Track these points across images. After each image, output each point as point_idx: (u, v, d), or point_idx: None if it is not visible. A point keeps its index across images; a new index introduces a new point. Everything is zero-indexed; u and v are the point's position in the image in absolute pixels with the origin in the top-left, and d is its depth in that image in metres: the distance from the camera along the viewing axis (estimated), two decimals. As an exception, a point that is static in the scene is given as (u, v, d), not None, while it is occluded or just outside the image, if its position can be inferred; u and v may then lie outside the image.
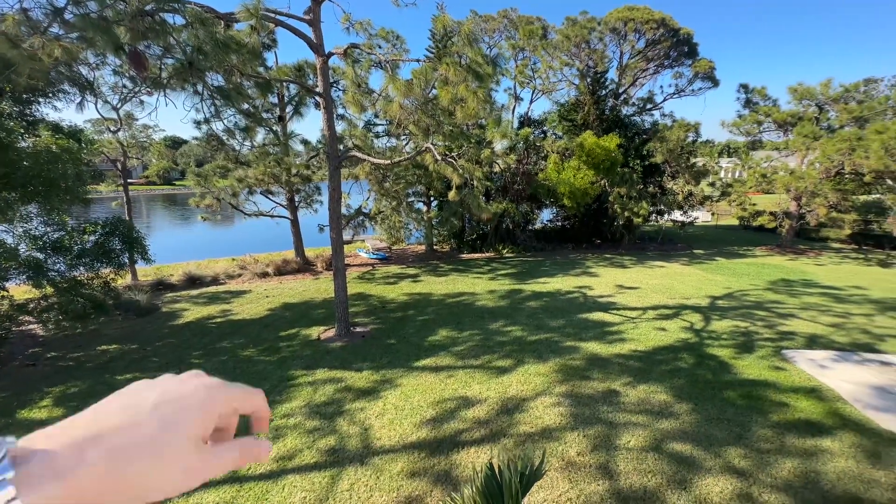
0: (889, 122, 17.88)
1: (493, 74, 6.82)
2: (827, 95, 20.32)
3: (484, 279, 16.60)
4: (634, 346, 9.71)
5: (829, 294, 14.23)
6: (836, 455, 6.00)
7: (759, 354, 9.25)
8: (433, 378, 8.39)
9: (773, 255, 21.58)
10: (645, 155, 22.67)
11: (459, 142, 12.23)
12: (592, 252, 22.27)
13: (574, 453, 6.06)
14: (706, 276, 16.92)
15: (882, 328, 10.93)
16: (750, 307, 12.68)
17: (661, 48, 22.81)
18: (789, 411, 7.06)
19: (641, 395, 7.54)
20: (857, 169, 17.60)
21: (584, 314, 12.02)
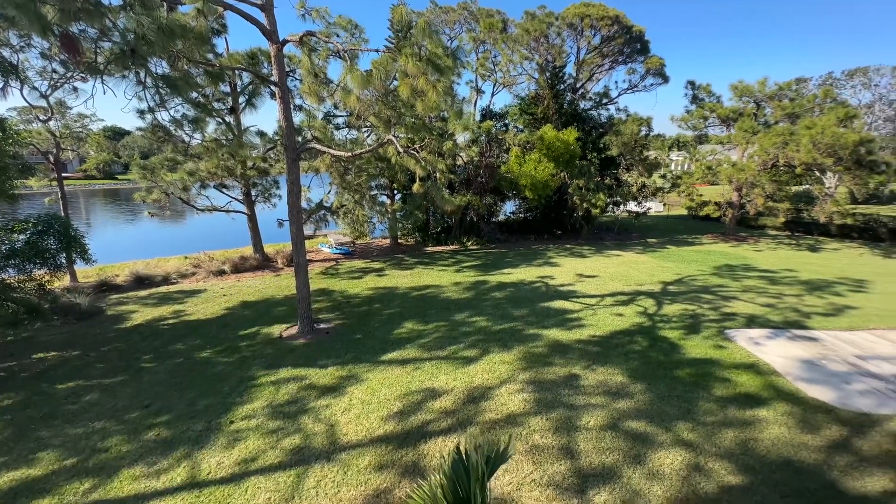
0: (816, 118, 19.50)
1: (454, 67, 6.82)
2: (763, 93, 21.89)
3: (449, 271, 16.71)
4: (593, 331, 10.14)
5: (765, 277, 15.43)
6: (771, 423, 6.58)
7: (705, 335, 9.91)
8: (400, 371, 8.40)
9: (718, 243, 23.06)
10: (601, 148, 23.50)
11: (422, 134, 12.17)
12: (554, 243, 22.92)
13: (538, 436, 6.28)
14: (659, 263, 17.87)
15: (810, 307, 12.00)
16: (697, 291, 13.54)
17: (615, 45, 23.63)
18: (731, 386, 7.64)
19: (600, 378, 7.90)
20: (789, 161, 19.11)
21: (546, 303, 12.40)
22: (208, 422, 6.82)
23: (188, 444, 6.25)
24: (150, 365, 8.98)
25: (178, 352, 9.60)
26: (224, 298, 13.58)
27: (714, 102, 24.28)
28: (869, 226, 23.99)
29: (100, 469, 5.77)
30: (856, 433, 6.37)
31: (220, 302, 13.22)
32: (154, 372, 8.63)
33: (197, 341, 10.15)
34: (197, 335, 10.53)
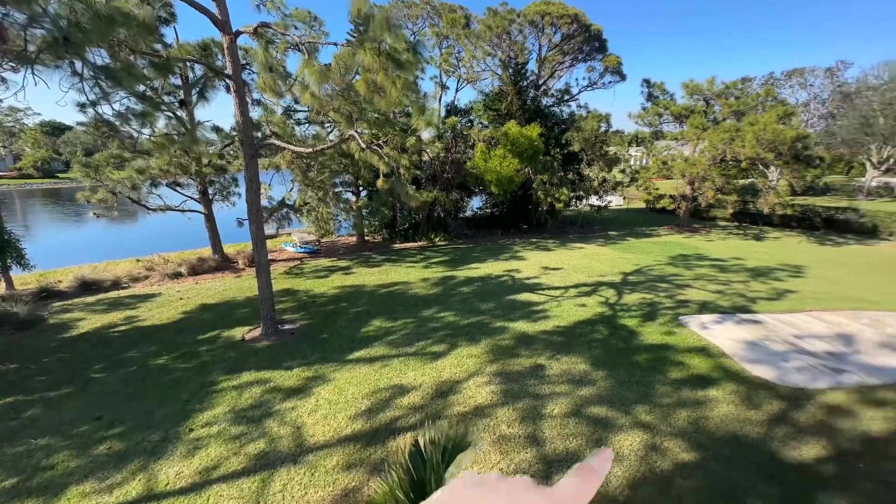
0: (759, 115, 20.82)
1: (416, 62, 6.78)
2: (712, 91, 23.15)
3: (417, 268, 16.69)
4: (558, 322, 10.44)
5: (716, 265, 16.39)
6: (720, 402, 7.02)
7: (661, 322, 10.43)
8: (368, 369, 8.34)
9: (673, 234, 24.25)
10: (564, 144, 24.10)
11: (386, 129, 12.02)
12: (520, 237, 23.35)
13: (505, 427, 6.42)
14: (619, 254, 18.58)
15: (755, 292, 12.86)
16: (654, 280, 14.20)
17: (574, 42, 24.24)
18: (684, 369, 8.09)
19: (564, 367, 8.16)
20: (736, 156, 20.34)
21: (513, 296, 12.64)
22: (166, 431, 6.52)
23: (144, 456, 5.96)
24: (99, 375, 8.46)
25: (132, 360, 9.09)
26: (181, 302, 12.97)
27: (668, 100, 25.43)
28: (806, 216, 25.92)
29: (44, 488, 5.41)
30: (793, 407, 6.91)
31: (176, 306, 12.62)
32: (104, 382, 8.14)
33: (152, 348, 9.65)
34: (151, 341, 10.01)
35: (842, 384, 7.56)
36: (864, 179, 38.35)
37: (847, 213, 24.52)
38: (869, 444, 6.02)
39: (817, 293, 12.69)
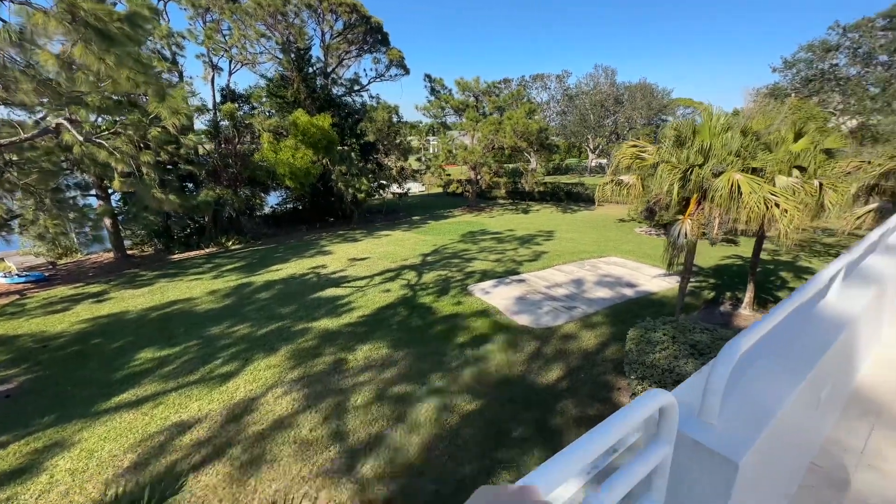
0: (514, 111, 25.36)
1: (135, 36, 5.50)
2: (479, 89, 26.96)
3: (205, 279, 14.36)
4: (362, 312, 10.62)
5: (495, 238, 19.46)
6: (495, 353, 8.41)
7: (452, 294, 11.79)
8: (132, 415, 6.78)
9: (465, 214, 27.62)
10: (359, 134, 24.31)
11: (132, 116, 9.57)
12: (327, 231, 22.69)
13: (307, 431, 6.20)
14: (421, 237, 20.09)
15: (522, 256, 15.83)
16: (449, 258, 15.92)
17: (357, 32, 24.42)
18: (469, 331, 9.36)
19: (367, 355, 8.37)
20: (500, 145, 24.41)
21: (318, 293, 12.22)
22: None
23: None
24: None
25: None
26: None
27: (448, 95, 28.39)
28: (555, 191, 33.20)
29: None
30: (544, 343, 8.83)
31: None
32: None
33: None
34: None
35: (573, 318, 10.05)
36: (587, 161, 51.62)
37: (578, 187, 32.53)
38: (586, 357, 8.20)
39: (560, 251, 16.46)
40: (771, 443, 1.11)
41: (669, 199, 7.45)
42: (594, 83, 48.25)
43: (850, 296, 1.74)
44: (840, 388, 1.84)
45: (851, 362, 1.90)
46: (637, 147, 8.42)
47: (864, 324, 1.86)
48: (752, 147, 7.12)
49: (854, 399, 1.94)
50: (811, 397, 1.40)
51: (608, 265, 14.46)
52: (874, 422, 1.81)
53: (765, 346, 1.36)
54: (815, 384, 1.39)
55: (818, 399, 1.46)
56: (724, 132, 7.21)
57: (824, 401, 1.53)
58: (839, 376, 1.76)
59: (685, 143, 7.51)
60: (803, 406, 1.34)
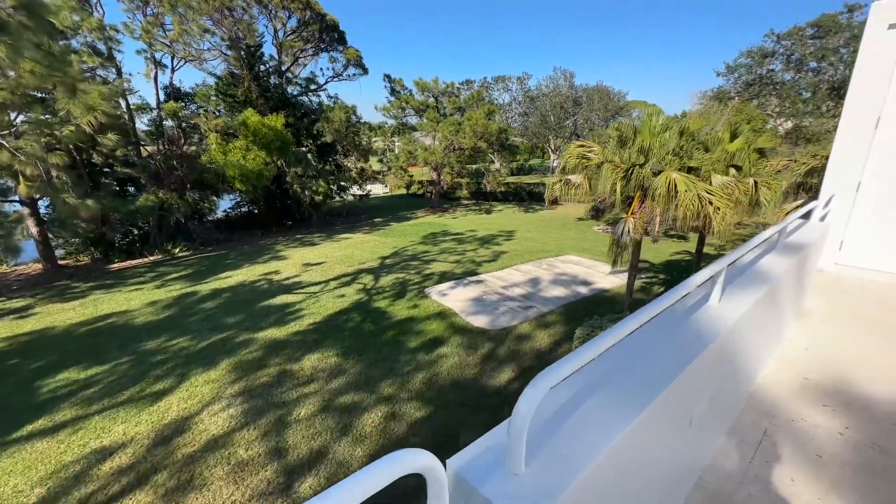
0: (474, 112, 25.44)
1: (35, 26, 4.93)
2: (437, 89, 26.88)
3: (146, 290, 13.43)
4: (313, 319, 10.21)
5: (456, 239, 19.40)
6: (449, 356, 8.27)
7: (409, 297, 11.57)
8: (46, 444, 6.15)
9: (428, 215, 27.44)
10: (316, 135, 23.63)
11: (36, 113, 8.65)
12: (284, 235, 21.89)
13: (243, 451, 5.81)
14: (381, 240, 19.73)
15: (481, 257, 15.82)
16: (408, 260, 15.69)
17: (312, 30, 23.74)
18: (423, 335, 9.18)
19: (315, 364, 8.02)
20: (461, 145, 24.43)
21: (268, 301, 11.68)
22: None
23: None
24: None
25: None
26: None
27: (408, 95, 28.14)
28: (517, 191, 33.62)
29: None
30: (498, 344, 8.77)
31: None
32: None
33: None
34: None
35: (528, 317, 10.07)
36: (550, 161, 52.73)
37: (540, 187, 33.06)
38: (539, 357, 8.20)
39: (520, 251, 16.58)
40: (602, 479, 0.99)
41: (614, 198, 7.56)
42: (554, 85, 49.35)
43: (735, 299, 1.69)
44: (729, 397, 1.78)
45: (741, 368, 1.85)
46: (584, 147, 8.52)
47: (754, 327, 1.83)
48: (688, 147, 7.34)
49: (751, 403, 1.90)
50: (674, 418, 1.29)
51: (565, 263, 14.68)
52: (768, 425, 1.77)
53: (603, 371, 1.24)
54: (680, 403, 1.28)
55: (689, 418, 1.36)
56: (662, 132, 7.39)
57: (702, 416, 1.45)
58: (726, 384, 1.69)
59: (627, 144, 7.66)
60: (662, 429, 1.23)
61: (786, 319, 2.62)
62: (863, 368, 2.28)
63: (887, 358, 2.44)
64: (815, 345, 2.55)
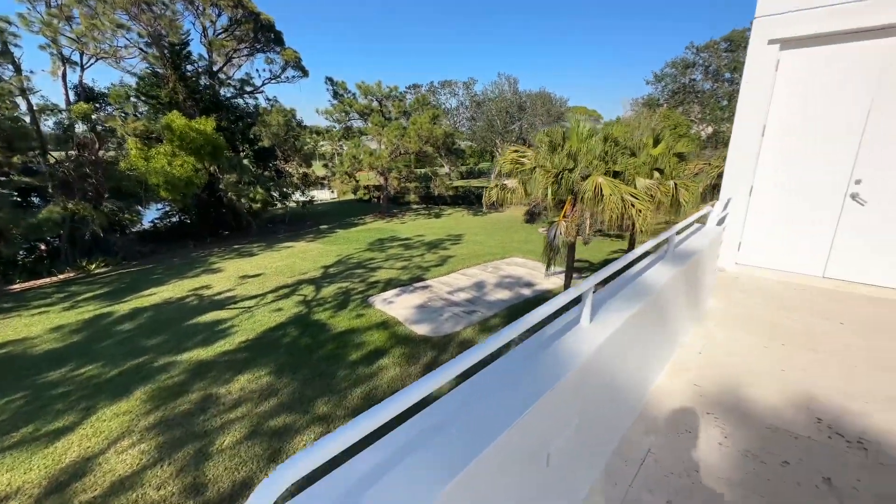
0: (419, 116, 25.36)
1: None
2: (381, 93, 26.55)
3: (51, 313, 11.99)
4: (245, 336, 9.56)
5: (404, 244, 19.15)
6: (389, 368, 8.02)
7: (352, 307, 11.19)
8: None
9: (376, 221, 26.94)
10: (253, 139, 22.46)
11: None
12: (220, 245, 20.54)
13: (154, 491, 5.23)
14: (326, 247, 19.05)
15: (428, 262, 15.69)
16: (353, 268, 15.23)
17: (246, 29, 22.56)
18: (364, 347, 8.87)
19: (244, 386, 7.47)
20: (406, 150, 24.25)
21: (196, 319, 10.81)
22: None
23: None
24: None
25: None
26: None
27: (351, 98, 27.55)
28: (467, 194, 33.93)
29: None
30: (441, 352, 8.65)
31: None
32: None
33: None
34: None
35: (472, 322, 10.04)
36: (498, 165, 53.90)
37: (487, 190, 33.59)
38: (481, 364, 8.16)
39: (467, 254, 16.65)
40: None
41: (546, 202, 7.70)
42: (499, 90, 50.50)
43: (612, 315, 1.66)
44: (608, 419, 1.73)
45: (622, 386, 1.81)
46: (518, 152, 8.65)
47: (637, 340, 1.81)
48: (612, 152, 7.64)
49: (640, 419, 1.88)
50: (523, 460, 1.18)
51: (510, 266, 14.90)
52: (653, 442, 1.75)
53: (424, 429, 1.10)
54: (530, 442, 1.18)
55: (546, 455, 1.27)
56: (589, 138, 7.65)
57: (567, 450, 1.36)
58: (603, 407, 1.64)
59: (557, 149, 7.84)
60: (505, 478, 1.11)
61: (681, 325, 2.69)
62: (746, 371, 2.36)
63: (769, 359, 2.56)
64: (708, 348, 2.63)
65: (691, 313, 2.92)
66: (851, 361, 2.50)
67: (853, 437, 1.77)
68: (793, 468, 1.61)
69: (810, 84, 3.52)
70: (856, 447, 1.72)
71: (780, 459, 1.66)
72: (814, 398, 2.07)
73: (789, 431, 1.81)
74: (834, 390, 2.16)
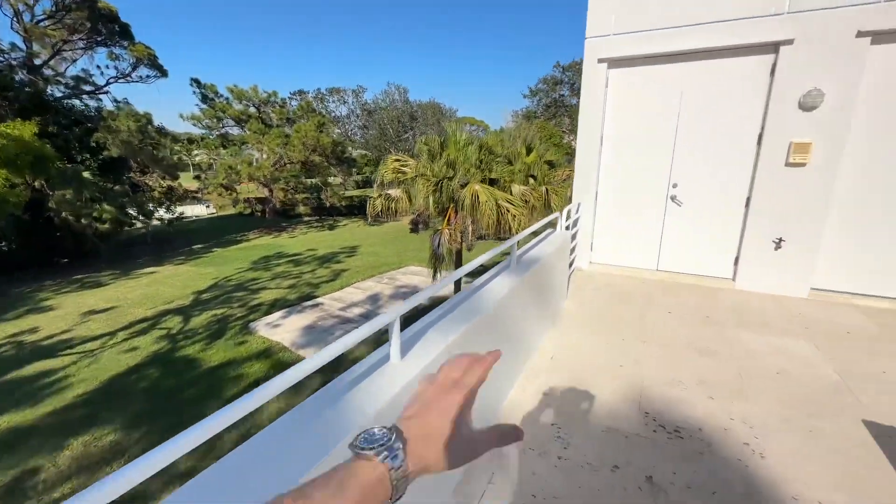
0: (303, 124, 24.01)
1: None
2: (258, 98, 24.54)
3: None
4: (84, 387, 7.82)
5: (293, 261, 17.82)
6: (272, 401, 7.20)
7: (229, 336, 9.93)
8: None
9: (262, 236, 24.70)
10: (96, 148, 18.92)
11: None
12: (55, 277, 16.76)
13: None
14: (199, 270, 16.81)
15: (319, 278, 14.78)
16: (231, 292, 13.63)
17: (79, 18, 18.92)
18: (242, 381, 7.89)
19: (81, 451, 6.05)
20: (291, 159, 22.75)
21: (12, 374, 8.55)
22: None
23: None
24: None
25: None
26: None
27: (224, 103, 24.95)
28: (362, 204, 33.10)
29: None
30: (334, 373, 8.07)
31: None
32: None
33: None
34: None
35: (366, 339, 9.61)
36: (393, 173, 53.89)
37: (383, 199, 33.20)
38: (375, 382, 7.80)
39: (362, 266, 16.09)
40: None
41: (429, 211, 7.70)
42: (390, 99, 50.62)
43: (434, 341, 1.56)
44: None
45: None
46: (399, 161, 8.54)
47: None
48: (488, 160, 7.97)
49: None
50: None
51: (406, 275, 14.78)
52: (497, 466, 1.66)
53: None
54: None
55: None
56: (465, 147, 7.86)
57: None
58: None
59: (436, 157, 7.92)
60: None
61: (536, 330, 2.75)
62: (590, 371, 2.48)
63: (611, 355, 2.73)
64: (561, 351, 2.73)
65: (546, 317, 3.01)
66: (676, 349, 2.79)
67: (672, 427, 1.92)
68: (621, 472, 1.66)
69: (634, 100, 3.98)
70: (675, 438, 1.86)
71: (611, 464, 1.71)
72: (643, 391, 2.23)
73: (621, 431, 1.89)
74: (660, 381, 2.36)
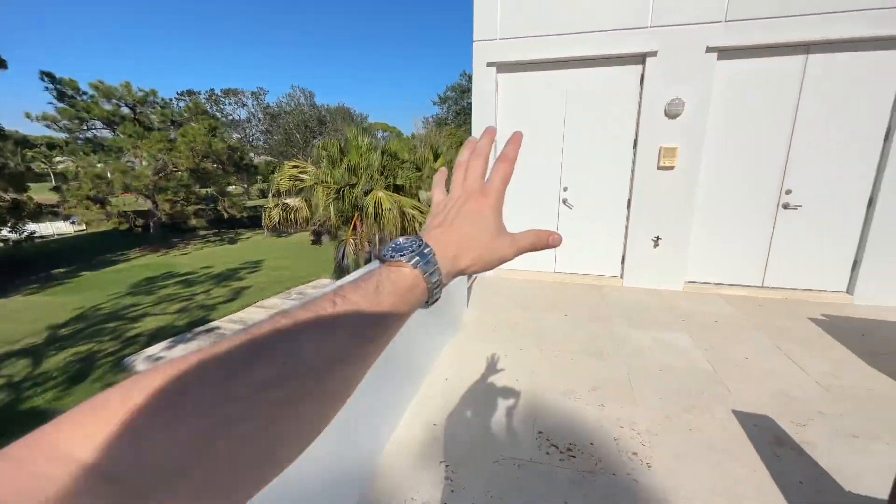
0: (191, 127, 21.52)
1: None
2: (132, 97, 21.38)
3: None
4: None
5: (184, 281, 15.77)
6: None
7: (96, 376, 8.35)
8: None
9: (146, 255, 21.57)
10: None
11: None
12: None
13: None
14: (57, 300, 14.02)
15: (215, 298, 13.23)
16: (100, 323, 11.55)
17: None
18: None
19: None
20: (178, 167, 20.23)
21: None
22: None
23: None
24: None
25: None
26: None
27: (90, 102, 21.36)
28: (267, 214, 30.74)
29: None
30: (227, 409, 7.11)
31: None
32: None
33: None
34: None
35: (270, 362, 8.70)
36: (303, 181, 50.99)
37: (292, 208, 31.18)
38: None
39: (266, 282, 14.78)
40: None
41: (332, 220, 7.20)
42: (295, 103, 48.00)
43: None
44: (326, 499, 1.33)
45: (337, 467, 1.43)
46: (297, 168, 7.90)
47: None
48: (392, 166, 7.70)
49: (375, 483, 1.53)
50: None
51: (316, 290, 13.85)
52: None
53: None
54: None
55: None
56: (368, 152, 7.51)
57: None
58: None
59: (337, 163, 7.45)
60: None
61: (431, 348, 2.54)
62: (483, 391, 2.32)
63: (507, 369, 2.56)
64: (456, 371, 2.51)
65: (445, 330, 2.82)
66: (570, 354, 2.77)
67: (564, 446, 1.82)
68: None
69: (524, 104, 4.00)
70: (567, 458, 1.75)
71: (504, 501, 1.53)
72: (538, 407, 2.12)
73: (514, 459, 1.74)
74: (555, 391, 2.28)
